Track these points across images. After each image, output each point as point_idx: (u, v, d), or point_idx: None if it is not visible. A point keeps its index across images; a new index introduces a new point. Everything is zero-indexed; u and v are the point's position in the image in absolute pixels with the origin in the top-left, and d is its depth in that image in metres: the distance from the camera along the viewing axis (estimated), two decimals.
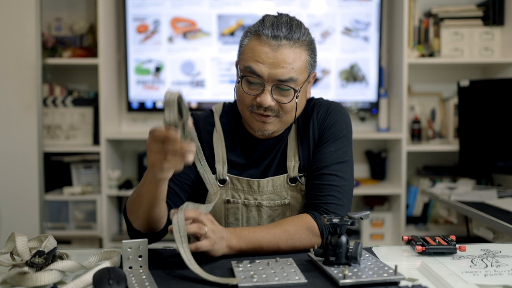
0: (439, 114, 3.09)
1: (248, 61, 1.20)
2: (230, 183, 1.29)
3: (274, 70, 1.17)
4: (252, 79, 1.20)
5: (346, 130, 1.31)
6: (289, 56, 1.18)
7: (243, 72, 1.21)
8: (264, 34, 1.18)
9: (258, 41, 1.19)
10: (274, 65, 1.17)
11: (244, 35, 1.25)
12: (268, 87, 1.19)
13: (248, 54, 1.21)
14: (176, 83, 3.01)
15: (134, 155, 3.16)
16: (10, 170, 2.64)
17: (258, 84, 1.20)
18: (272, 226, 1.16)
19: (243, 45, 1.24)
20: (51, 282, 0.92)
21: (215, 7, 2.97)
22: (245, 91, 1.21)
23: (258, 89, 1.20)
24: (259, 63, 1.18)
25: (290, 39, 1.18)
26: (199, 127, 1.32)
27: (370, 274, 0.93)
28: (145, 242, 1.00)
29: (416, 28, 2.96)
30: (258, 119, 1.23)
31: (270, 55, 1.17)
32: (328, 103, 1.34)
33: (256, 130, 1.24)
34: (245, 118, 1.27)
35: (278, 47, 1.17)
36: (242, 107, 1.25)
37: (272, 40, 1.18)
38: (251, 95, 1.21)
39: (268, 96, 1.19)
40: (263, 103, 1.19)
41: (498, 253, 1.13)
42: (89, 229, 2.86)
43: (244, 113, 1.25)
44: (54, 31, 3.03)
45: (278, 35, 1.17)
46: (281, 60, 1.17)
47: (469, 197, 2.29)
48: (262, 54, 1.18)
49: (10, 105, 2.63)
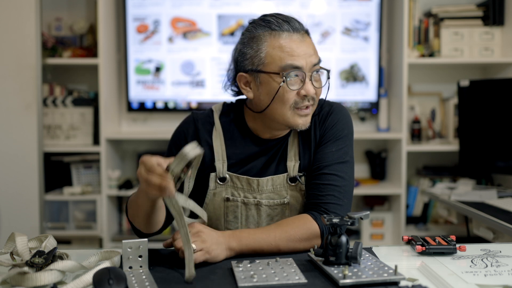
0: (439, 114, 3.09)
1: (283, 60, 1.20)
2: (230, 181, 1.29)
3: (309, 58, 1.22)
4: (295, 72, 1.21)
5: (347, 130, 1.31)
6: (310, 42, 1.25)
7: (282, 70, 1.20)
8: (285, 30, 1.21)
9: (281, 38, 1.21)
10: (307, 54, 1.21)
11: (254, 42, 1.23)
12: (308, 76, 1.22)
13: (278, 54, 1.21)
14: (176, 83, 3.01)
15: (134, 155, 3.16)
16: (10, 170, 2.64)
17: (297, 77, 1.22)
18: (272, 228, 1.16)
19: (261, 49, 1.22)
20: (51, 282, 0.92)
21: (215, 7, 2.97)
22: (291, 88, 1.21)
23: (298, 83, 1.22)
24: (295, 56, 1.20)
25: (304, 29, 1.25)
26: (199, 126, 1.32)
27: (370, 274, 0.93)
28: (145, 242, 1.00)
29: (416, 28, 2.96)
30: (301, 114, 1.24)
31: (301, 46, 1.21)
32: (329, 103, 1.34)
33: (301, 126, 1.25)
34: (281, 119, 1.25)
35: (302, 36, 1.23)
36: (282, 108, 1.23)
37: (295, 32, 1.22)
38: (295, 90, 1.22)
39: (311, 85, 1.22)
40: (310, 93, 1.22)
41: (498, 253, 1.13)
42: (89, 229, 2.86)
43: (284, 114, 1.24)
44: (54, 31, 3.03)
45: (296, 27, 1.22)
46: (309, 48, 1.23)
47: (469, 197, 2.28)
48: (295, 47, 1.21)
49: (10, 105, 2.63)
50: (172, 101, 3.02)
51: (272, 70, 1.21)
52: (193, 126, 1.32)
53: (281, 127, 1.28)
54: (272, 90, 1.22)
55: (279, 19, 1.22)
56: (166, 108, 3.03)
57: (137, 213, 1.18)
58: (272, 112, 1.25)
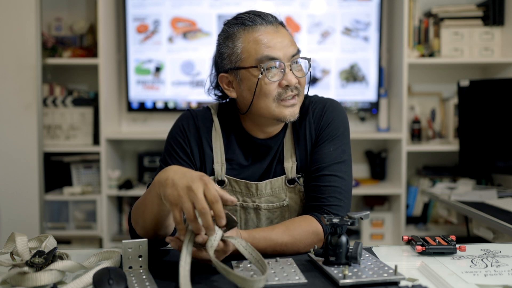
0: (439, 114, 3.09)
1: (259, 52, 1.19)
2: (229, 185, 1.28)
3: (286, 49, 1.20)
4: (273, 64, 1.19)
5: (343, 128, 1.29)
6: (286, 33, 1.23)
7: (258, 63, 1.19)
8: (258, 23, 1.20)
9: (255, 31, 1.20)
10: (283, 44, 1.20)
11: (230, 40, 1.22)
12: (288, 66, 1.20)
13: (253, 47, 1.19)
14: (176, 83, 3.01)
15: (134, 155, 3.16)
16: (10, 170, 2.64)
17: (276, 69, 1.20)
18: (281, 233, 1.12)
19: (236, 46, 1.21)
20: (51, 282, 0.92)
21: (215, 7, 2.97)
22: (270, 80, 1.19)
23: (279, 74, 1.20)
24: (271, 47, 1.19)
25: (278, 21, 1.24)
26: (199, 124, 1.29)
27: (370, 274, 0.93)
28: (145, 242, 1.00)
29: (416, 28, 2.96)
30: (287, 105, 1.21)
31: (277, 36, 1.20)
32: (323, 101, 1.32)
33: (288, 118, 1.22)
34: (267, 113, 1.22)
35: (277, 28, 1.22)
36: (265, 101, 1.21)
37: (268, 24, 1.21)
38: (275, 82, 1.19)
39: (292, 74, 1.20)
40: (291, 82, 1.19)
41: (498, 253, 1.13)
42: (89, 229, 2.86)
43: (269, 108, 1.21)
44: (54, 31, 3.03)
45: (269, 20, 1.22)
46: (285, 38, 1.21)
47: (469, 197, 2.28)
48: (270, 38, 1.19)
49: (10, 105, 2.63)
50: (172, 101, 3.02)
51: (249, 64, 1.20)
52: (193, 123, 1.29)
53: (270, 122, 1.25)
54: (252, 85, 1.20)
55: (251, 14, 1.22)
56: (166, 108, 3.03)
57: (144, 217, 1.07)
58: (257, 108, 1.22)
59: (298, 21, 2.96)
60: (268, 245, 1.10)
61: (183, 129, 1.29)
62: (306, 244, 1.14)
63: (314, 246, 1.06)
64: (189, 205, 0.90)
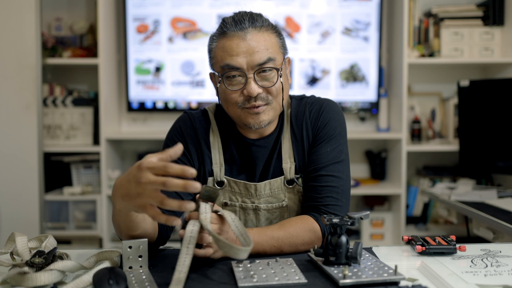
0: (439, 114, 3.09)
1: (223, 60, 1.19)
2: (228, 186, 1.28)
3: (251, 57, 1.17)
4: (233, 73, 1.18)
5: (340, 128, 1.30)
6: (260, 40, 1.19)
7: (222, 71, 1.20)
8: (229, 30, 1.19)
9: (226, 38, 1.20)
10: (249, 52, 1.17)
11: (210, 42, 1.25)
12: (251, 75, 1.18)
13: (220, 54, 1.20)
14: (176, 83, 3.01)
15: (134, 155, 3.16)
16: (10, 170, 2.64)
17: (239, 77, 1.19)
18: (276, 229, 1.14)
19: (212, 49, 1.24)
20: (51, 282, 0.92)
21: (215, 7, 2.97)
22: (229, 89, 1.19)
23: (241, 83, 1.19)
24: (234, 56, 1.18)
25: (255, 26, 1.20)
26: (196, 125, 1.30)
27: (370, 274, 0.93)
28: (145, 242, 1.00)
29: (416, 28, 2.96)
30: (251, 113, 1.20)
31: (242, 45, 1.18)
32: (320, 101, 1.32)
33: (252, 125, 1.22)
34: (236, 119, 1.24)
35: (246, 35, 1.18)
36: (231, 107, 1.22)
37: (239, 31, 1.19)
38: (237, 91, 1.19)
39: (253, 84, 1.18)
40: (251, 93, 1.17)
41: (498, 253, 1.13)
42: (89, 229, 2.86)
43: (235, 113, 1.22)
44: (54, 31, 3.03)
45: (243, 26, 1.19)
46: (254, 46, 1.18)
47: (469, 197, 2.28)
48: (234, 47, 1.18)
49: (10, 105, 2.63)
50: (172, 101, 3.02)
51: (217, 70, 1.23)
52: (191, 125, 1.30)
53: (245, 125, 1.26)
54: (219, 90, 1.24)
55: (229, 19, 1.21)
56: (166, 108, 3.03)
57: (120, 229, 1.05)
58: (228, 112, 1.25)
59: (298, 21, 2.96)
60: (262, 238, 1.11)
61: (180, 131, 1.30)
62: (303, 240, 1.14)
63: (314, 246, 1.06)
64: (150, 198, 0.86)
